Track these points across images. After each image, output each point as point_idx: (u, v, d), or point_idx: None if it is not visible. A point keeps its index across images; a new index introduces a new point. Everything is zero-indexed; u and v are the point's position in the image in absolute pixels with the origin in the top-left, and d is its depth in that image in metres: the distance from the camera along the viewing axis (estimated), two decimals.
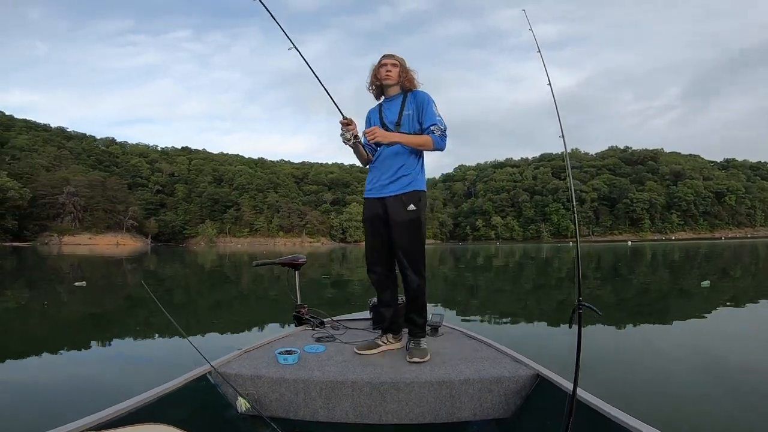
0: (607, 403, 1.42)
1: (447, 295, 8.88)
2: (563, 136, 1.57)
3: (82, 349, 4.10)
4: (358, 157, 2.42)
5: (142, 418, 1.37)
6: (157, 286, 10.09)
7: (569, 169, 1.65)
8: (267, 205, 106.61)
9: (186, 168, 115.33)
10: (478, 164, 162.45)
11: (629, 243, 59.81)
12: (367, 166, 2.44)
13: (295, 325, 2.85)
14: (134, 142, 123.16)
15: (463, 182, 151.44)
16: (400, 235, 2.19)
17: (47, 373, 3.26)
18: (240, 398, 1.72)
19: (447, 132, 2.20)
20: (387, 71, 2.27)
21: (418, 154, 2.27)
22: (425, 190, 2.28)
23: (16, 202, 68.76)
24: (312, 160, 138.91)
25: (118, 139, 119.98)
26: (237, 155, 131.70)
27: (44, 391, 2.81)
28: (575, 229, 1.62)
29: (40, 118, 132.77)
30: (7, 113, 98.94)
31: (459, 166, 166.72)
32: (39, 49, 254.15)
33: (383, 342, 2.30)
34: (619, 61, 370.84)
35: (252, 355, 2.10)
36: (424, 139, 2.17)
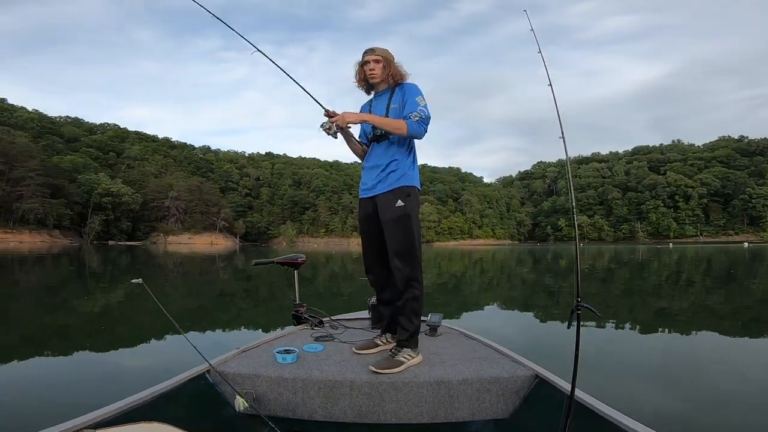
0: (605, 404, 1.42)
1: (528, 299, 8.14)
2: (563, 137, 1.54)
3: (83, 347, 4.10)
4: (352, 150, 2.38)
5: (140, 417, 1.37)
6: (246, 283, 10.67)
7: (569, 172, 1.64)
8: (342, 206, 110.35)
9: (269, 172, 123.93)
10: (559, 160, 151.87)
11: (746, 245, 51.70)
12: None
13: (294, 325, 2.82)
14: (226, 149, 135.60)
15: (543, 180, 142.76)
16: (389, 233, 2.12)
17: (45, 371, 3.28)
18: (238, 397, 1.68)
19: (428, 121, 2.09)
20: (370, 69, 2.20)
21: (407, 149, 2.19)
22: (416, 185, 2.17)
23: (130, 206, 79.45)
24: None
25: (213, 147, 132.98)
26: (314, 158, 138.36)
27: (42, 390, 2.80)
28: (574, 231, 1.62)
29: (149, 130, 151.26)
30: (121, 126, 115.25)
31: (538, 162, 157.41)
32: (148, 68, 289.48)
33: (382, 342, 2.26)
34: (712, 49, 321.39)
35: (250, 354, 2.08)
36: (399, 123, 2.07)
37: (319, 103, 2.22)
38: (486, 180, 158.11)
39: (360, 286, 10.42)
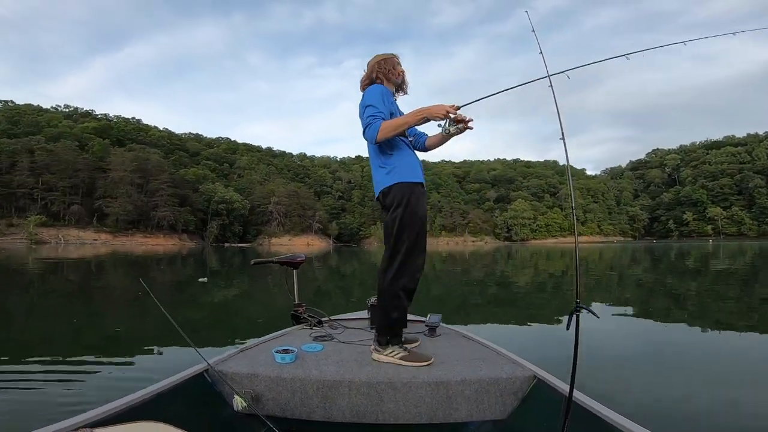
0: (602, 405, 1.44)
1: (646, 303, 6.73)
2: (564, 138, 1.57)
3: (84, 346, 4.09)
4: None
5: (139, 416, 1.37)
6: (341, 281, 10.80)
7: (569, 171, 1.65)
8: (430, 205, 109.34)
9: (360, 175, 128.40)
10: (681, 146, 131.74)
11: None
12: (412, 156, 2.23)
13: (293, 324, 2.79)
14: (320, 155, 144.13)
15: (662, 168, 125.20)
16: None
17: (44, 370, 3.28)
18: (237, 397, 1.69)
19: (369, 120, 2.00)
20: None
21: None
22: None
23: (240, 212, 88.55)
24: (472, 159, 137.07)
25: (308, 154, 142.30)
26: None
27: (40, 389, 2.79)
28: (574, 227, 1.63)
29: (254, 141, 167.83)
30: (232, 139, 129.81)
31: (654, 150, 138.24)
32: (257, 88, 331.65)
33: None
34: None
35: (249, 354, 2.08)
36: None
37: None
38: (589, 172, 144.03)
39: (452, 285, 9.82)
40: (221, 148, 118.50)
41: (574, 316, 1.34)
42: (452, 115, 1.99)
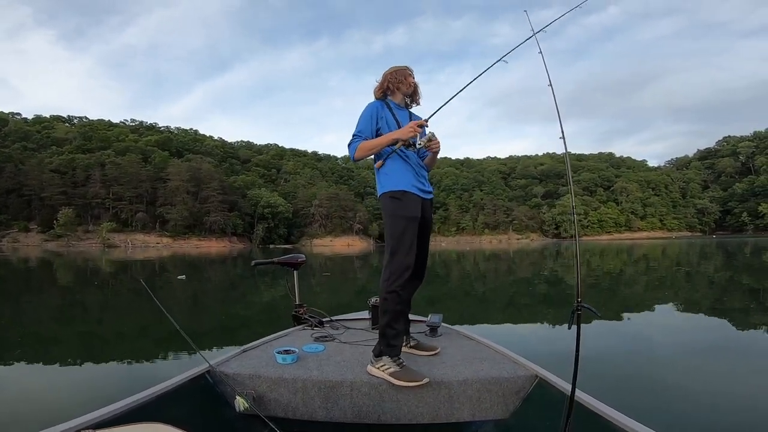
0: (605, 404, 1.43)
1: (717, 301, 5.96)
2: (563, 138, 1.58)
3: (83, 346, 4.06)
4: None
5: (141, 417, 1.37)
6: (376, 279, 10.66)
7: (569, 170, 1.65)
8: (472, 204, 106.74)
9: None
10: (755, 132, 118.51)
11: None
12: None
13: (294, 325, 2.78)
14: None
15: (734, 157, 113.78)
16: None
17: (45, 370, 3.26)
18: (238, 397, 1.71)
19: (351, 139, 2.15)
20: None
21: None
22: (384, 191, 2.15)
23: (284, 215, 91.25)
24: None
25: None
26: (444, 157, 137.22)
27: (42, 390, 2.73)
28: (575, 226, 1.62)
29: (302, 146, 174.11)
30: (279, 145, 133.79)
31: (725, 138, 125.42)
32: (337, 105, 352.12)
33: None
34: None
35: (250, 355, 2.09)
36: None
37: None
38: (651, 164, 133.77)
39: (502, 284, 9.43)
40: (270, 155, 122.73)
41: (575, 315, 1.33)
42: (420, 131, 1.99)
